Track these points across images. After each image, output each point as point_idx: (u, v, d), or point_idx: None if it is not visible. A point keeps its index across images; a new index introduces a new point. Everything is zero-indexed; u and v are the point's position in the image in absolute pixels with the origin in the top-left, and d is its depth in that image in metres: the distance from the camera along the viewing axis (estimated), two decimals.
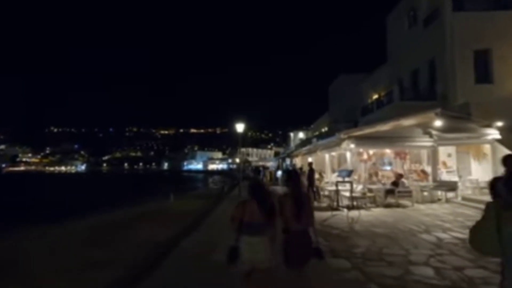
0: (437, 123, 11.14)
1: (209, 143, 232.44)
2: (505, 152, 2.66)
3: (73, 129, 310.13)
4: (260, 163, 53.74)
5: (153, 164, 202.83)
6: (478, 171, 12.06)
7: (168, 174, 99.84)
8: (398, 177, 10.41)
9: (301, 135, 43.15)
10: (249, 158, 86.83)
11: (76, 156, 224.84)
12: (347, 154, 11.76)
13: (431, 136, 11.11)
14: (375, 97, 20.69)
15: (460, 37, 14.28)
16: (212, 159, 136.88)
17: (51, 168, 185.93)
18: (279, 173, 21.86)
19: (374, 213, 8.63)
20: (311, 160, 18.39)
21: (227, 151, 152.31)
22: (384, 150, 13.69)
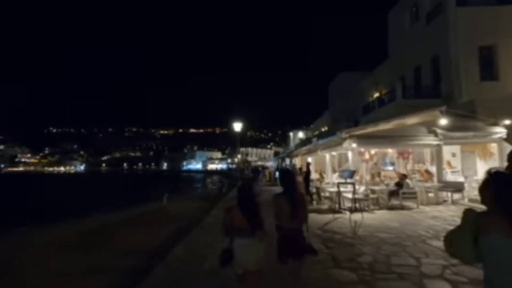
0: (442, 122, 10.70)
1: (209, 143, 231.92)
2: None
3: (72, 129, 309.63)
4: (260, 163, 53.41)
5: (153, 164, 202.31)
6: (484, 170, 11.62)
7: (167, 174, 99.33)
8: (402, 178, 9.97)
9: (301, 135, 42.84)
10: (249, 158, 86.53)
11: (75, 156, 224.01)
12: (349, 154, 11.31)
13: (436, 135, 10.67)
14: (376, 96, 20.26)
15: (465, 33, 13.85)
16: (212, 159, 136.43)
17: (50, 169, 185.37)
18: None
19: (378, 216, 8.19)
20: (310, 160, 18.01)
21: (227, 151, 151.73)
22: (387, 150, 13.29)
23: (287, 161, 30.18)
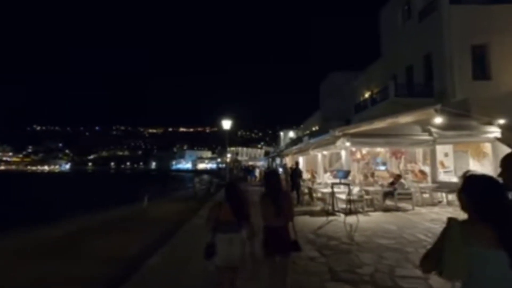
0: (437, 120, 10.42)
1: (199, 142, 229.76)
2: (507, 151, 1.92)
3: (57, 127, 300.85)
4: (250, 163, 52.88)
5: (141, 164, 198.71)
6: (478, 172, 11.42)
7: (156, 174, 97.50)
8: (397, 178, 9.61)
9: (291, 134, 42.55)
10: (239, 158, 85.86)
11: (60, 155, 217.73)
12: (342, 153, 10.89)
13: (431, 134, 10.36)
14: (368, 95, 20.04)
15: (458, 31, 13.69)
16: (201, 158, 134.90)
17: (33, 168, 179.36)
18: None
19: (373, 218, 7.77)
20: (301, 160, 17.58)
21: (217, 151, 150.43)
22: (379, 149, 12.98)
23: (278, 161, 29.75)
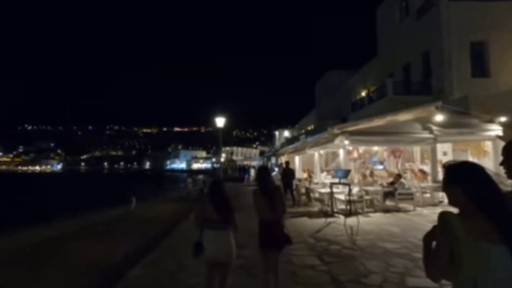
0: (438, 118, 10.11)
1: (194, 142, 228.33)
2: None
3: (49, 127, 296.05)
4: (245, 162, 52.49)
5: (135, 164, 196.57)
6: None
7: (150, 174, 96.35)
8: (397, 178, 9.27)
9: (287, 134, 42.32)
10: (234, 157, 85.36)
11: (52, 155, 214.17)
12: (340, 152, 10.52)
13: (431, 132, 10.05)
14: (365, 93, 19.77)
15: (456, 28, 13.43)
16: (196, 158, 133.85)
17: (24, 168, 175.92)
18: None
19: (374, 220, 7.40)
20: (297, 159, 17.22)
21: (212, 150, 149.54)
22: (377, 148, 12.68)
23: (273, 160, 29.38)
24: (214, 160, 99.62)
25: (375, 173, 11.65)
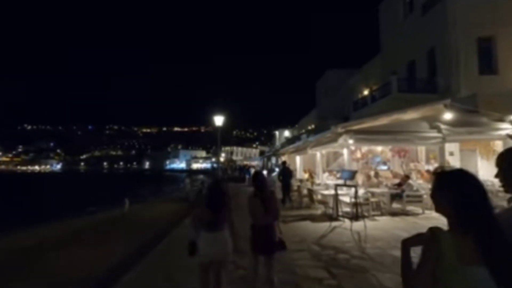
0: (447, 116, 9.66)
1: (193, 142, 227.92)
2: None
3: (49, 127, 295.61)
4: (245, 162, 52.09)
5: (134, 164, 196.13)
6: (488, 171, 10.72)
7: (150, 174, 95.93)
8: (404, 179, 8.83)
9: (287, 134, 41.92)
10: (234, 157, 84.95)
11: (51, 155, 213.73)
12: (344, 152, 10.07)
13: (440, 131, 9.60)
14: (367, 92, 19.32)
15: (463, 24, 12.99)
16: (196, 158, 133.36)
17: (24, 168, 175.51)
18: (264, 173, 20.04)
19: (382, 224, 6.95)
20: (298, 159, 16.74)
21: (212, 150, 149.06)
22: (380, 148, 12.26)
23: (273, 160, 28.95)
24: (214, 160, 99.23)
25: (380, 174, 11.22)
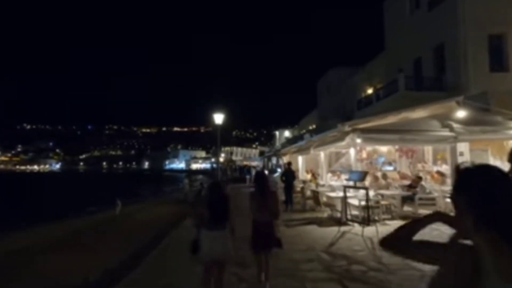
0: (459, 114, 9.16)
1: (193, 142, 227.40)
2: None
3: (48, 126, 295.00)
4: (245, 163, 51.59)
5: (134, 164, 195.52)
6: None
7: (149, 174, 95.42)
8: (417, 180, 8.33)
9: (287, 134, 41.44)
10: (234, 157, 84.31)
11: (51, 155, 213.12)
12: (351, 151, 9.56)
13: (452, 130, 9.09)
14: (371, 90, 18.81)
15: (474, 20, 12.47)
16: (195, 158, 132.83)
17: (22, 167, 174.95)
18: (265, 172, 19.52)
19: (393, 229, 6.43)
20: (300, 160, 16.23)
21: (211, 150, 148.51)
22: (387, 147, 11.79)
23: (274, 160, 28.46)
24: (214, 160, 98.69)
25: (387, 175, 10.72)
